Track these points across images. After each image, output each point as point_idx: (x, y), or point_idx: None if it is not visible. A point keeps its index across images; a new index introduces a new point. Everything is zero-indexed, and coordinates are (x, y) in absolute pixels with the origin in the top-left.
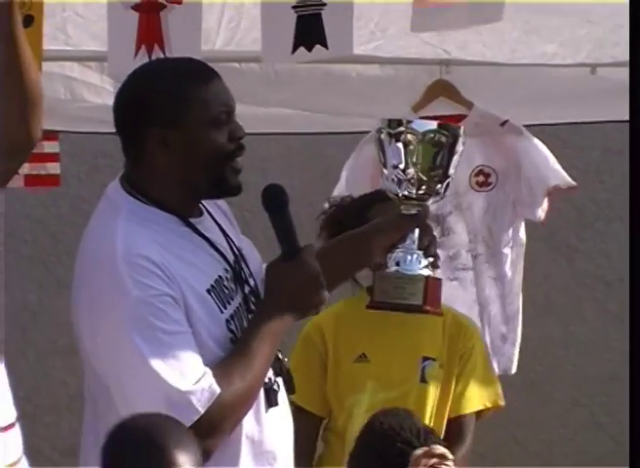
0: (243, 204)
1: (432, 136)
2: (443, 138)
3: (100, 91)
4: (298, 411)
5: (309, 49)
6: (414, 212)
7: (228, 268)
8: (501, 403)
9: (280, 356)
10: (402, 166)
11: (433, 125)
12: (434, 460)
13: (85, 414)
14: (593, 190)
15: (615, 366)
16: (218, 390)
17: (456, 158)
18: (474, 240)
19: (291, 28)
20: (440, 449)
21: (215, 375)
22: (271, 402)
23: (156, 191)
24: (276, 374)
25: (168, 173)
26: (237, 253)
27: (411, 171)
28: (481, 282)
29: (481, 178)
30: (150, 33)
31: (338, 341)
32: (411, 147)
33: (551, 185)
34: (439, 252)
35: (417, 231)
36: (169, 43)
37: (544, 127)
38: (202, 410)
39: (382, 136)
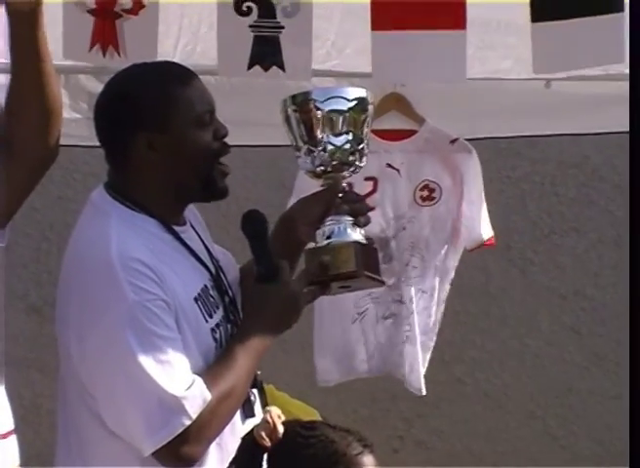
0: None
1: (337, 103)
2: (346, 104)
3: None
4: None
5: (266, 69)
6: (333, 178)
7: (211, 279)
8: None
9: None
10: (315, 139)
11: (336, 92)
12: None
13: (59, 430)
14: (548, 203)
15: (569, 378)
16: (209, 397)
17: (367, 122)
18: (411, 250)
19: (247, 47)
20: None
21: (204, 382)
22: (247, 413)
23: (144, 197)
24: (251, 386)
25: (156, 176)
26: (216, 264)
27: (322, 142)
28: (412, 294)
29: (425, 193)
30: (105, 36)
31: None
32: (317, 119)
33: (490, 234)
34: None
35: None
36: (124, 47)
37: (499, 140)
38: (194, 416)
39: (289, 112)
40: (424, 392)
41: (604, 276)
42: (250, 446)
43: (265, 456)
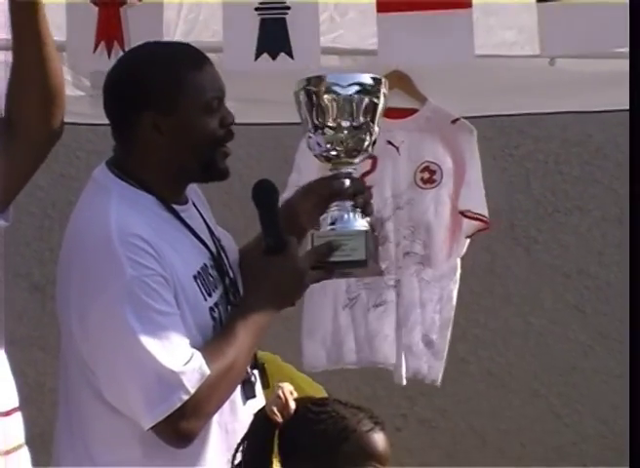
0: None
1: (353, 90)
2: (363, 92)
3: None
4: None
5: (274, 57)
6: (343, 171)
7: (212, 258)
8: None
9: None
10: (329, 123)
11: (352, 78)
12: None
13: (60, 409)
14: (552, 181)
15: (573, 356)
16: (208, 371)
17: (379, 111)
18: (410, 236)
19: (254, 32)
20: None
21: (203, 357)
22: (248, 394)
23: (146, 175)
24: (252, 367)
25: (159, 157)
26: (218, 244)
27: (334, 127)
28: (411, 284)
29: (426, 175)
30: (110, 28)
31: None
32: (332, 104)
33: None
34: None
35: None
36: (129, 39)
37: (503, 118)
38: (192, 391)
39: (302, 96)
40: (434, 379)
41: (608, 254)
42: (261, 421)
43: (277, 432)
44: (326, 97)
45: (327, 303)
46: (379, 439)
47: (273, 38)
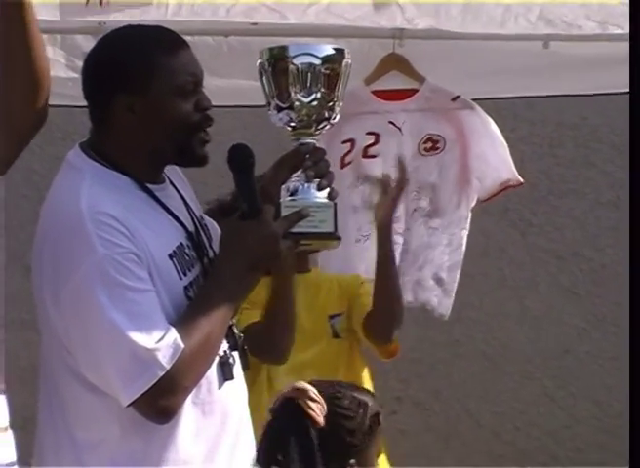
0: (195, 176)
1: (307, 58)
2: (316, 61)
3: (52, 63)
4: None
5: None
6: (303, 141)
7: (188, 237)
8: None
9: (235, 331)
10: (293, 94)
11: (306, 48)
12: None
13: (40, 390)
14: (547, 165)
15: (567, 339)
16: (182, 345)
17: (340, 80)
18: (417, 196)
19: None
20: (302, 385)
21: (177, 331)
22: (227, 375)
23: (120, 157)
24: (232, 348)
25: (133, 138)
26: (198, 224)
27: (290, 98)
28: (419, 231)
29: (429, 145)
30: None
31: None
32: (296, 74)
33: (504, 179)
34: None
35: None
36: None
37: (497, 101)
38: (168, 366)
39: (266, 67)
40: (443, 312)
41: (602, 237)
42: (300, 424)
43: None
44: (291, 67)
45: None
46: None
47: None
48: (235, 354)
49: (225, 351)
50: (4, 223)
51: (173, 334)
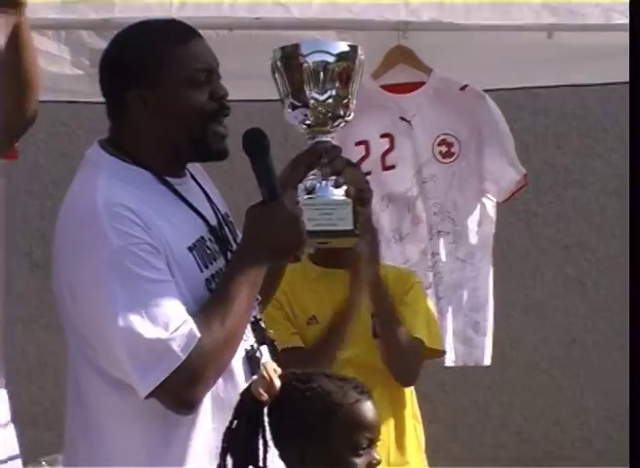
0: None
1: (320, 56)
2: (330, 58)
3: (57, 60)
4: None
5: None
6: (320, 139)
7: (210, 231)
8: (441, 348)
9: (263, 325)
10: (307, 92)
11: (320, 45)
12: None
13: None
14: (551, 155)
15: (573, 329)
16: (198, 335)
17: (355, 78)
18: (439, 214)
19: None
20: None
21: (196, 321)
22: (254, 369)
23: (139, 151)
24: (259, 343)
25: (149, 132)
26: (221, 219)
27: (305, 96)
28: (447, 266)
29: (444, 148)
30: None
31: (293, 305)
32: (302, 71)
33: (519, 177)
34: (411, 247)
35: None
36: None
37: (501, 92)
38: (183, 356)
39: (279, 65)
40: (488, 362)
41: (607, 227)
42: (248, 402)
43: (265, 411)
44: (295, 65)
45: None
46: (366, 409)
47: None
48: (263, 348)
49: (252, 345)
50: (5, 217)
51: (189, 324)
